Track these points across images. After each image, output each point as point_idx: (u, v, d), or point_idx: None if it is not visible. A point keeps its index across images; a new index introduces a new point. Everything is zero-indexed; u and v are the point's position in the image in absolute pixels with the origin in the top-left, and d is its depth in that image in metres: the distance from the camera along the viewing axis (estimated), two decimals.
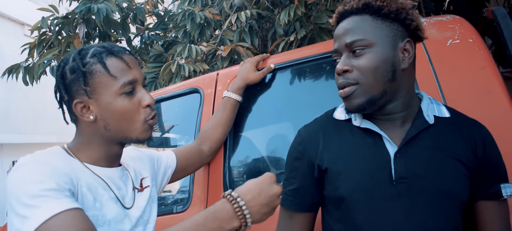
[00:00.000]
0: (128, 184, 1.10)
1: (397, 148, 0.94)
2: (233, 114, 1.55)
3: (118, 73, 1.00)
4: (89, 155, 1.03)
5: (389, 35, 0.94)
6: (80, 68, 0.99)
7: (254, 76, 1.57)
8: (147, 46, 3.53)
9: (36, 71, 3.02)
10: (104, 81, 0.99)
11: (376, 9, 0.94)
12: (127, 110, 1.00)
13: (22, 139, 8.93)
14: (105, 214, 0.98)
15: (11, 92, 8.18)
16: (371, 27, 0.93)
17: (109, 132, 1.02)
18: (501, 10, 1.38)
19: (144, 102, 1.02)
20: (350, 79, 0.93)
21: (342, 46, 0.96)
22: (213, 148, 1.51)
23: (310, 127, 1.09)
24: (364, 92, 0.92)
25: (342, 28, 0.97)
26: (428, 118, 0.96)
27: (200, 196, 1.54)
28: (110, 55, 1.01)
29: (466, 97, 1.18)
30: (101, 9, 2.82)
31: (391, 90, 0.94)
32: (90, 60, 1.00)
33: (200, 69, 2.34)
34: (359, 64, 0.92)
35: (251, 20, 2.60)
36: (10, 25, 8.93)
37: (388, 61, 0.92)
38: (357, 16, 0.96)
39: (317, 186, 1.04)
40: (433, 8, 2.29)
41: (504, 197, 0.95)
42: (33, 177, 0.86)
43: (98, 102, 0.99)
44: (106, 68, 0.99)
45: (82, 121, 1.02)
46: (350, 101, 0.94)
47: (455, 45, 1.25)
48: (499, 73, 1.19)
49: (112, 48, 1.03)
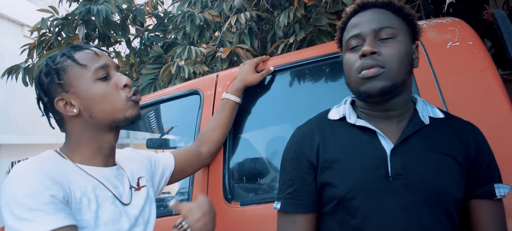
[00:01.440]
0: (125, 182, 1.10)
1: (393, 145, 0.96)
2: (232, 116, 1.55)
3: (88, 62, 1.04)
4: (82, 154, 1.04)
5: (408, 33, 1.00)
6: (52, 68, 1.03)
7: (253, 78, 1.56)
8: (147, 47, 3.53)
9: (36, 72, 3.01)
10: (77, 73, 1.03)
11: (397, 8, 1.00)
12: (106, 92, 1.03)
13: (21, 139, 8.92)
14: (101, 215, 0.98)
15: (11, 93, 8.17)
16: (396, 20, 0.99)
17: (96, 119, 1.03)
18: (501, 12, 1.38)
19: (121, 83, 1.06)
20: (378, 61, 0.93)
21: (368, 31, 0.97)
22: (212, 149, 1.51)
23: (304, 127, 1.10)
24: (390, 76, 0.94)
25: (366, 15, 1.00)
26: (423, 119, 0.99)
27: None
28: (78, 50, 1.06)
29: (466, 99, 1.18)
30: (100, 10, 2.82)
31: (406, 83, 0.98)
32: (60, 59, 1.04)
33: (199, 71, 2.34)
34: (387, 50, 0.95)
35: (250, 22, 2.60)
36: (10, 26, 8.93)
37: (409, 54, 0.98)
38: (379, 9, 1.00)
39: (315, 185, 1.03)
40: (432, 10, 2.29)
41: (498, 196, 0.96)
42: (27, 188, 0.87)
43: (77, 93, 1.02)
44: (75, 60, 1.03)
45: (68, 119, 1.05)
46: (374, 83, 0.94)
47: (455, 48, 1.25)
48: (498, 75, 1.19)
49: (79, 45, 1.08)
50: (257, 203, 1.41)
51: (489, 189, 0.96)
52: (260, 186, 1.57)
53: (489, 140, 1.01)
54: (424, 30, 1.05)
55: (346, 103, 1.08)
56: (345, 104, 1.08)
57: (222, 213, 1.46)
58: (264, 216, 1.34)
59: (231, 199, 1.47)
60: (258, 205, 1.41)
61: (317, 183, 1.02)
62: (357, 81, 0.96)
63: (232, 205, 1.46)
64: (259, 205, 1.40)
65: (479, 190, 0.97)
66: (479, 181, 0.97)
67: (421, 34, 1.04)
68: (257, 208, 1.40)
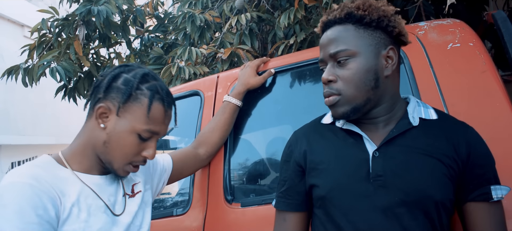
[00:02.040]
0: (119, 191, 1.11)
1: (376, 147, 0.97)
2: (232, 119, 1.54)
3: (152, 119, 1.02)
4: (82, 163, 1.05)
5: (372, 44, 0.97)
6: (132, 89, 1.01)
7: (254, 81, 1.56)
8: (147, 48, 3.54)
9: (36, 72, 3.01)
10: (139, 115, 1.01)
11: (358, 18, 0.97)
12: (130, 147, 1.03)
13: (21, 140, 8.93)
14: (92, 225, 0.99)
15: (11, 93, 8.17)
16: (354, 37, 0.97)
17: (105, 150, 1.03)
18: (501, 14, 1.39)
19: (145, 154, 1.05)
20: (333, 89, 0.98)
21: (327, 56, 1.00)
22: (209, 151, 1.50)
23: (299, 131, 1.15)
24: (347, 102, 0.97)
25: (326, 38, 1.01)
26: (413, 120, 0.98)
27: (200, 199, 1.54)
28: (161, 101, 1.04)
29: (467, 100, 1.18)
30: (101, 11, 2.82)
31: (375, 97, 0.98)
32: (144, 90, 1.02)
33: (200, 71, 2.34)
34: (343, 75, 0.96)
35: (251, 23, 2.60)
36: (10, 27, 8.93)
37: (370, 70, 0.96)
38: (340, 25, 0.99)
39: (304, 185, 1.08)
40: (433, 11, 2.30)
41: (494, 199, 0.93)
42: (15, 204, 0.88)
43: (118, 124, 1.01)
44: (149, 109, 1.01)
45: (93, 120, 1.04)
46: (335, 110, 0.99)
47: (455, 49, 1.25)
48: (499, 76, 1.19)
49: (167, 96, 1.06)
50: (257, 204, 1.41)
51: (485, 191, 0.94)
52: (260, 187, 1.57)
53: (489, 141, 1.00)
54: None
55: None
56: None
57: (223, 214, 1.46)
58: (264, 217, 1.33)
59: (232, 200, 1.47)
60: (258, 206, 1.41)
61: (306, 184, 1.07)
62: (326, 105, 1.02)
63: (232, 206, 1.46)
64: (260, 206, 1.40)
65: (474, 192, 0.95)
66: (473, 183, 0.95)
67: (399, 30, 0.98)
68: (257, 209, 1.40)
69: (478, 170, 0.95)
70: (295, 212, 1.10)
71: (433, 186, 0.92)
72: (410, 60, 1.28)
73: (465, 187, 0.95)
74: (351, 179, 0.97)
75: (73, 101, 3.56)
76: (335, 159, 1.01)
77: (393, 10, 0.99)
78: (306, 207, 1.10)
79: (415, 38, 1.31)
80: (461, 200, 0.96)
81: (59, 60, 2.97)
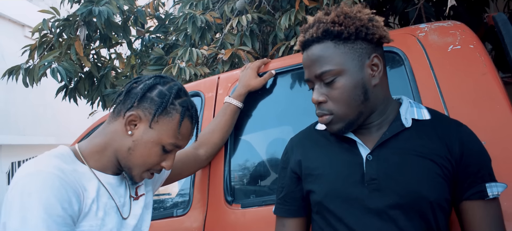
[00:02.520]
0: (126, 193, 1.12)
1: (369, 151, 0.97)
2: (233, 120, 1.55)
3: (180, 136, 1.06)
4: (99, 161, 1.05)
5: (354, 58, 0.96)
6: (166, 104, 1.03)
7: (256, 82, 1.56)
8: (148, 49, 3.54)
9: (37, 73, 3.01)
10: (168, 128, 1.04)
11: (335, 34, 0.95)
12: (153, 158, 1.05)
13: (21, 140, 8.92)
14: (107, 224, 1.00)
15: (11, 93, 8.17)
16: (335, 54, 0.96)
17: (128, 156, 1.04)
18: (502, 16, 1.39)
19: (164, 164, 1.08)
20: (325, 110, 0.99)
21: (312, 77, 1.00)
22: (209, 152, 1.50)
23: (295, 138, 1.17)
24: (340, 119, 0.98)
25: (308, 58, 1.00)
26: (405, 121, 0.98)
27: (200, 200, 1.54)
28: (191, 119, 1.08)
29: (467, 103, 1.18)
30: (102, 11, 2.82)
31: (366, 110, 0.98)
32: (177, 106, 1.05)
33: (200, 72, 2.34)
34: (332, 95, 0.97)
35: (252, 24, 2.60)
36: (11, 27, 8.93)
37: (358, 85, 0.96)
38: (319, 44, 0.98)
39: (301, 191, 1.09)
40: (433, 13, 2.30)
41: (490, 196, 0.93)
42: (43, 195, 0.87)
43: (146, 132, 1.03)
44: (179, 125, 1.04)
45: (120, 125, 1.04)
46: (330, 127, 1.00)
47: (456, 51, 1.25)
48: (499, 79, 1.19)
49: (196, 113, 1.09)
50: (258, 205, 1.41)
51: (480, 189, 0.93)
52: (261, 188, 1.57)
53: (489, 143, 1.00)
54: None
55: None
56: None
57: (223, 215, 1.46)
58: (265, 218, 1.34)
59: (232, 201, 1.47)
60: (259, 207, 1.41)
61: (303, 190, 1.08)
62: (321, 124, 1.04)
63: (233, 207, 1.46)
64: (260, 207, 1.40)
65: (469, 191, 0.94)
66: (468, 182, 0.94)
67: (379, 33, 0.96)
68: (258, 210, 1.41)
69: (472, 168, 0.94)
70: (294, 217, 1.12)
71: (427, 186, 0.92)
72: (410, 62, 1.28)
73: (460, 186, 0.95)
74: (345, 184, 0.97)
75: (73, 101, 3.56)
76: (329, 164, 1.02)
77: (369, 16, 0.98)
78: (304, 213, 1.11)
79: (416, 40, 1.31)
80: (457, 199, 0.96)
81: (60, 60, 2.97)
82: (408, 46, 1.31)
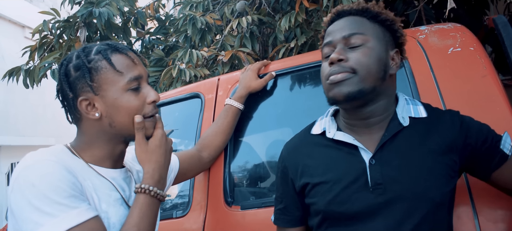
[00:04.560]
0: (131, 186, 1.10)
1: (371, 155, 0.96)
2: (234, 122, 1.55)
3: (124, 69, 1.00)
4: (93, 155, 1.02)
5: (383, 40, 0.99)
6: (86, 65, 0.99)
7: (256, 84, 1.56)
8: (148, 50, 3.54)
9: (37, 74, 3.02)
10: (110, 77, 0.99)
11: (374, 14, 1.00)
12: (133, 106, 1.00)
13: (21, 141, 8.92)
14: (111, 216, 0.98)
15: (11, 94, 8.18)
16: (369, 27, 0.98)
17: (114, 129, 1.01)
18: (502, 18, 1.39)
19: (150, 99, 1.03)
20: (345, 67, 0.95)
21: (338, 39, 0.99)
22: (212, 155, 1.51)
23: (289, 145, 1.14)
24: (357, 82, 0.94)
25: (339, 24, 1.01)
26: (402, 120, 0.98)
27: (200, 201, 1.53)
28: (115, 51, 1.02)
29: (467, 105, 1.18)
30: (102, 13, 2.83)
31: (379, 90, 0.97)
32: (95, 57, 1.00)
33: (200, 74, 2.34)
34: (355, 56, 0.95)
35: (252, 26, 2.60)
36: (11, 28, 8.94)
37: (381, 60, 0.97)
38: (355, 16, 1.01)
39: (302, 201, 1.08)
40: (433, 15, 2.30)
41: (509, 153, 0.96)
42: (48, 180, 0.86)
43: (104, 99, 0.99)
44: (112, 64, 0.99)
45: (86, 119, 1.02)
46: (341, 88, 0.95)
47: (456, 53, 1.25)
48: (499, 81, 1.19)
49: (116, 45, 1.03)
50: (257, 207, 1.41)
51: (500, 154, 0.96)
52: (260, 190, 1.57)
53: None
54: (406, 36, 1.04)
55: (328, 115, 1.10)
56: (326, 117, 1.09)
57: (223, 217, 1.46)
58: (264, 220, 1.33)
59: (232, 203, 1.47)
60: (258, 209, 1.40)
61: (305, 200, 1.06)
62: (326, 87, 0.99)
63: (232, 208, 1.46)
64: (260, 209, 1.40)
65: (491, 163, 0.96)
66: (485, 157, 0.96)
67: (404, 39, 1.04)
68: (257, 212, 1.40)
69: (482, 145, 0.96)
70: (295, 227, 1.12)
71: (433, 188, 0.92)
72: (410, 64, 1.28)
73: (480, 165, 0.97)
74: (350, 191, 0.96)
75: None
76: (331, 171, 0.99)
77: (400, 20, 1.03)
78: (305, 221, 1.11)
79: (416, 42, 1.31)
80: (484, 175, 0.98)
81: (60, 61, 2.96)
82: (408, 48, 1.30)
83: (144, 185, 1.00)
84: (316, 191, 1.01)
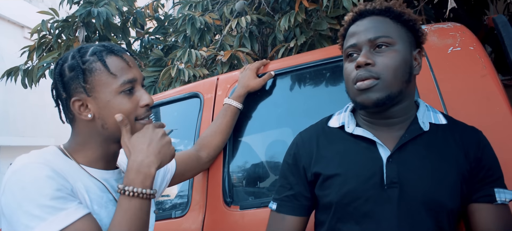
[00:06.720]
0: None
1: (390, 153, 0.96)
2: (233, 122, 1.54)
3: (118, 72, 1.00)
4: (86, 156, 1.02)
5: (407, 40, 0.98)
6: (80, 66, 0.98)
7: (255, 83, 1.56)
8: (147, 50, 3.53)
9: (35, 74, 3.01)
10: (103, 79, 0.99)
11: (397, 14, 0.98)
12: (125, 109, 1.00)
13: (20, 141, 8.91)
14: (102, 218, 0.97)
15: (10, 94, 8.16)
16: (393, 29, 0.97)
17: (107, 131, 1.01)
18: (502, 18, 1.39)
19: (143, 102, 1.02)
20: (372, 72, 0.94)
21: (364, 41, 0.97)
22: (211, 154, 1.50)
23: (305, 134, 1.12)
24: (385, 87, 0.94)
25: (364, 25, 0.99)
26: (423, 125, 0.98)
27: (199, 201, 1.53)
28: (110, 53, 1.01)
29: (467, 104, 1.17)
30: (101, 12, 2.82)
31: (405, 92, 0.97)
32: (90, 58, 1.00)
33: (200, 74, 2.34)
34: (382, 61, 0.94)
35: (251, 26, 2.60)
36: (10, 28, 8.93)
37: (407, 63, 0.96)
38: (378, 16, 1.00)
39: (312, 191, 1.06)
40: (433, 15, 2.30)
41: (498, 201, 0.94)
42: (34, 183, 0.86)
43: (97, 100, 0.99)
44: (106, 66, 0.99)
45: (79, 120, 1.02)
46: (369, 95, 0.95)
47: (456, 53, 1.25)
48: (499, 81, 1.19)
49: (112, 47, 1.03)
50: (256, 207, 1.41)
51: (489, 193, 0.94)
52: (259, 190, 1.57)
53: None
54: (426, 35, 1.04)
55: (346, 110, 1.09)
56: (345, 112, 1.09)
57: (222, 217, 1.46)
58: (263, 220, 1.32)
59: (231, 203, 1.47)
60: (257, 209, 1.40)
61: (315, 191, 1.05)
62: (353, 91, 0.98)
63: (231, 208, 1.45)
64: (259, 209, 1.39)
65: (477, 193, 0.95)
66: (478, 185, 0.95)
67: (425, 39, 1.03)
68: (256, 212, 1.40)
69: (484, 172, 0.95)
70: (299, 216, 1.08)
71: (446, 194, 0.92)
72: None
73: (470, 188, 0.95)
74: (365, 186, 0.95)
75: None
76: (347, 165, 0.99)
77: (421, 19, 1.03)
78: (309, 212, 1.09)
79: None
80: (466, 200, 0.96)
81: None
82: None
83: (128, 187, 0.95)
84: (330, 183, 1.00)
